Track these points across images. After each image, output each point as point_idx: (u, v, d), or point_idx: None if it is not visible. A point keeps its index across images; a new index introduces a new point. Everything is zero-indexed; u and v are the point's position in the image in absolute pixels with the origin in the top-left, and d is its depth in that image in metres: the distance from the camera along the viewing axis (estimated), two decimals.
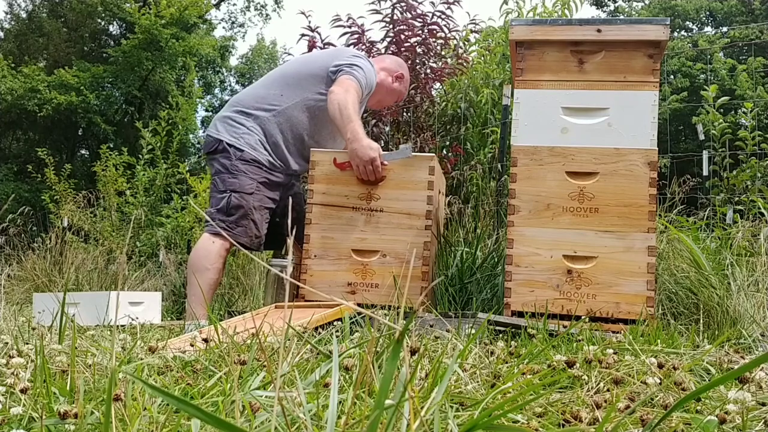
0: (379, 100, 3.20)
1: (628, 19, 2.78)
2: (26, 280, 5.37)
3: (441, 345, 1.74)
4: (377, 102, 3.23)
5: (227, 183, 2.83)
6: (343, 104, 2.76)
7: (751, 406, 1.09)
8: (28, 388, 1.11)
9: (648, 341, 1.96)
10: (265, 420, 0.91)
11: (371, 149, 2.73)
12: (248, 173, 2.84)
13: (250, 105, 2.95)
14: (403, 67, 3.23)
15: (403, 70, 3.22)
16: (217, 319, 1.83)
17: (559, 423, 1.03)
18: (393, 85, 3.15)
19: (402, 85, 3.20)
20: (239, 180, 2.82)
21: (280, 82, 2.99)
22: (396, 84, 3.16)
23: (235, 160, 2.84)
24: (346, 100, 2.76)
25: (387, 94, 3.18)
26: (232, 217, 2.78)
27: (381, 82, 3.10)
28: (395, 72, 3.17)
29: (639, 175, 2.55)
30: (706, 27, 17.28)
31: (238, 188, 2.81)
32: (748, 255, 3.05)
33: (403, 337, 0.71)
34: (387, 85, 3.13)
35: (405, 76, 3.20)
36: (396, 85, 3.17)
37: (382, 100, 3.21)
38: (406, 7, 5.27)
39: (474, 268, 3.34)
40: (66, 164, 8.42)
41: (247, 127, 2.90)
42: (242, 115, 2.94)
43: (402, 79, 3.18)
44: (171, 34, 14.43)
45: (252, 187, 2.83)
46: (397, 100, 3.28)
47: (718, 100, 4.71)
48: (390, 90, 3.16)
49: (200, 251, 2.80)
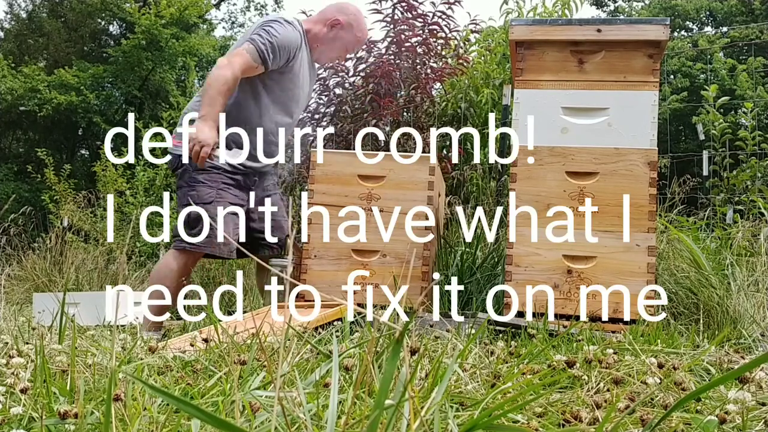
0: (319, 54, 2.98)
1: (628, 19, 2.78)
2: (26, 280, 5.37)
3: (441, 345, 1.74)
4: (318, 56, 3.00)
5: (187, 197, 2.74)
6: (213, 81, 2.64)
7: (751, 406, 1.09)
8: (28, 388, 1.11)
9: (648, 341, 1.96)
10: (265, 420, 0.91)
11: (211, 137, 2.62)
12: (206, 182, 2.73)
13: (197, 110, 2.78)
14: (342, 12, 2.95)
15: (343, 14, 2.94)
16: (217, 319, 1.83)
17: (559, 423, 1.03)
18: (329, 35, 2.92)
19: (344, 31, 2.93)
20: (197, 191, 2.72)
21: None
22: (333, 32, 2.92)
23: (192, 172, 2.74)
24: (218, 76, 2.64)
25: (326, 46, 2.95)
26: (195, 230, 2.70)
27: (315, 35, 2.91)
28: (329, 19, 2.94)
29: (639, 175, 2.55)
30: (706, 27, 17.28)
31: (197, 200, 2.71)
32: (748, 255, 3.05)
33: (403, 337, 0.71)
34: (322, 36, 2.92)
35: (344, 20, 2.92)
36: (333, 34, 2.92)
37: (322, 53, 2.98)
38: (407, 7, 5.27)
39: (474, 268, 3.34)
40: (66, 164, 8.42)
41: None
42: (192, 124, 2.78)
43: (339, 24, 2.92)
44: (171, 34, 14.43)
45: (212, 195, 2.72)
46: (348, 47, 2.99)
47: (718, 100, 4.71)
48: (326, 41, 2.93)
49: (162, 269, 2.74)
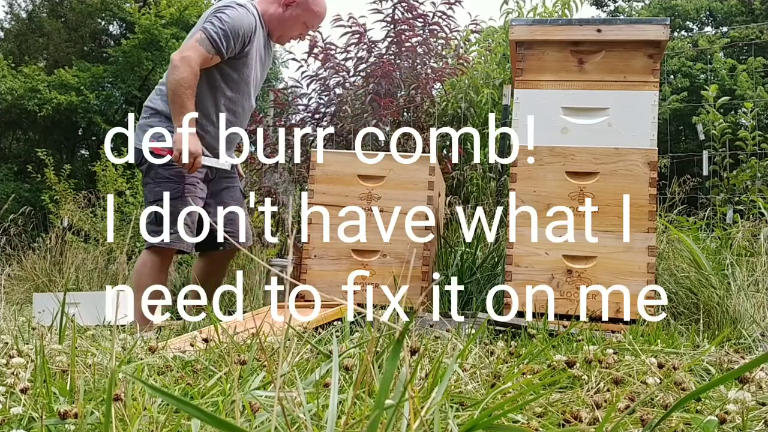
0: (280, 35, 2.91)
1: (628, 19, 2.78)
2: (26, 280, 5.37)
3: (441, 345, 1.74)
4: (279, 37, 2.93)
5: (153, 193, 2.72)
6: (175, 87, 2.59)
7: (751, 406, 1.09)
8: (28, 388, 1.11)
9: (648, 341, 1.96)
10: (265, 420, 0.91)
11: (199, 146, 2.63)
12: (172, 178, 2.70)
13: (158, 104, 2.77)
14: None
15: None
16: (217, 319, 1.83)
17: (559, 423, 1.03)
18: (285, 14, 2.85)
19: (299, 8, 2.84)
20: (162, 187, 2.70)
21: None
22: (289, 11, 2.84)
23: (157, 167, 2.71)
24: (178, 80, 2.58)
25: (283, 25, 2.87)
26: (161, 226, 2.68)
27: (271, 16, 2.85)
28: (280, 0, 2.85)
29: (639, 175, 2.55)
30: (706, 27, 17.28)
31: (163, 196, 2.69)
32: (748, 255, 3.05)
33: (403, 337, 0.71)
34: (278, 16, 2.85)
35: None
36: (289, 12, 2.84)
37: (283, 33, 2.91)
38: (407, 7, 5.28)
39: (474, 268, 3.34)
40: (66, 164, 8.41)
41: (159, 128, 2.73)
42: (155, 117, 2.76)
43: (293, 3, 2.83)
44: (171, 34, 14.43)
45: (178, 191, 2.69)
46: (305, 25, 2.90)
47: (718, 100, 4.71)
48: (283, 20, 2.86)
49: (139, 268, 2.72)
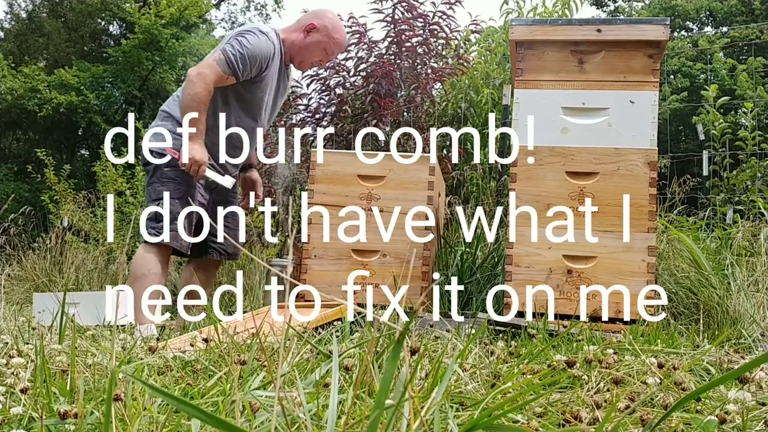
0: (300, 60, 2.99)
1: (628, 19, 2.78)
2: (26, 280, 5.37)
3: (441, 345, 1.74)
4: (300, 63, 3.01)
5: (156, 192, 2.80)
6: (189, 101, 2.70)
7: (751, 406, 1.09)
8: (28, 388, 1.11)
9: (648, 341, 1.96)
10: (265, 420, 0.91)
11: (205, 156, 2.74)
12: (176, 179, 2.79)
13: (172, 109, 2.88)
14: (317, 16, 2.94)
15: (318, 19, 2.93)
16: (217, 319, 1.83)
17: (559, 423, 1.03)
18: (306, 40, 2.91)
19: (319, 34, 2.91)
20: (166, 187, 2.78)
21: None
22: (310, 37, 2.91)
23: (164, 167, 2.80)
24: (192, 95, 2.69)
25: (305, 51, 2.94)
26: (161, 223, 2.75)
27: (292, 43, 2.92)
28: (304, 25, 2.93)
29: (639, 175, 2.55)
30: (706, 27, 17.28)
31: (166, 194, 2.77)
32: (748, 255, 3.05)
33: (403, 337, 0.71)
34: (299, 42, 2.92)
35: (319, 24, 2.91)
36: (310, 39, 2.91)
37: (303, 59, 2.98)
38: (408, 7, 5.28)
39: (474, 268, 3.34)
40: (66, 164, 8.41)
41: (173, 132, 2.82)
42: (168, 120, 2.86)
43: (315, 29, 2.91)
44: (171, 34, 14.43)
45: (180, 192, 2.78)
46: (327, 49, 2.95)
47: (718, 100, 4.71)
48: (305, 46, 2.92)
49: (137, 261, 2.79)
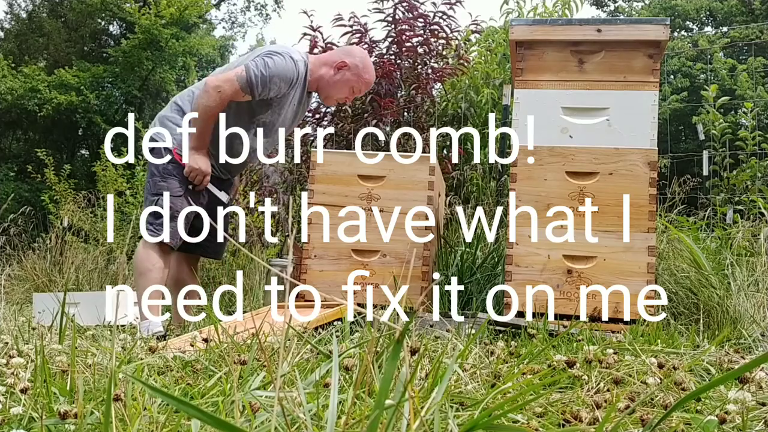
0: (326, 95, 3.01)
1: (628, 19, 2.78)
2: (26, 280, 5.37)
3: (441, 345, 1.74)
4: (326, 98, 3.04)
5: (157, 186, 2.82)
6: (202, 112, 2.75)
7: (751, 406, 1.09)
8: (28, 388, 1.11)
9: (648, 341, 1.96)
10: (265, 420, 0.91)
11: (209, 166, 2.82)
12: (178, 176, 2.81)
13: (187, 104, 2.90)
14: (349, 54, 2.99)
15: (349, 57, 2.97)
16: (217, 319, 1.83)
17: (559, 423, 1.03)
18: (335, 77, 2.93)
19: (350, 72, 2.94)
20: (168, 183, 2.80)
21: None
22: (339, 74, 2.93)
23: (167, 162, 2.82)
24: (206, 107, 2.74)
25: (332, 87, 2.96)
26: (160, 219, 2.77)
27: (321, 77, 2.94)
28: (335, 62, 2.96)
29: (639, 175, 2.55)
30: (706, 27, 17.28)
31: (168, 190, 2.79)
32: (748, 255, 3.05)
33: (403, 337, 0.71)
34: (328, 78, 2.94)
35: (351, 63, 2.94)
36: (340, 76, 2.93)
37: (329, 95, 3.00)
38: (408, 7, 5.27)
39: (474, 268, 3.34)
40: (66, 164, 8.41)
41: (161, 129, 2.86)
42: (178, 114, 2.88)
43: (345, 67, 2.93)
44: (171, 34, 14.43)
45: (181, 190, 2.81)
46: (355, 88, 2.99)
47: (718, 100, 4.71)
48: (333, 83, 2.95)
49: (140, 255, 2.80)
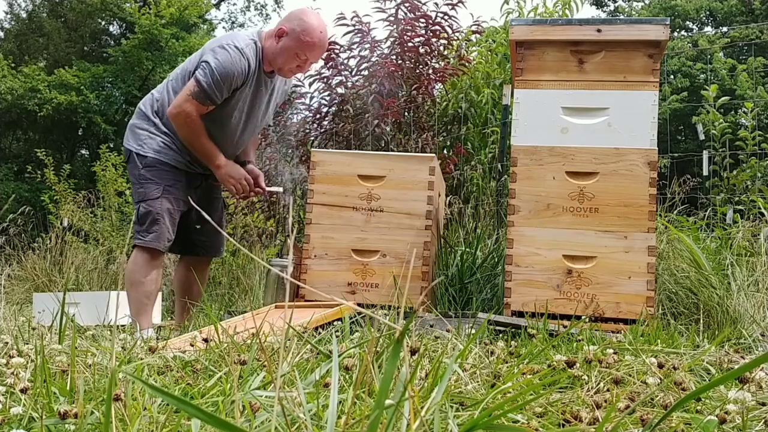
0: (277, 68, 2.90)
1: (628, 19, 2.79)
2: (26, 280, 5.38)
3: (441, 345, 1.74)
4: (278, 69, 2.91)
5: (137, 194, 2.88)
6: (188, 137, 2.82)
7: (751, 406, 1.09)
8: (28, 388, 1.11)
9: (648, 341, 1.96)
10: (265, 420, 0.91)
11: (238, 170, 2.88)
12: (153, 179, 2.84)
13: (149, 110, 2.95)
14: (287, 20, 2.88)
15: (286, 22, 2.86)
16: (217, 319, 1.83)
17: (559, 423, 1.03)
18: (277, 46, 2.83)
19: (288, 38, 2.82)
20: (145, 188, 2.84)
21: (169, 86, 2.94)
22: (281, 42, 2.83)
23: (142, 168, 2.86)
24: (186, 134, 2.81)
25: (278, 57, 2.85)
26: (144, 226, 2.82)
27: (267, 50, 2.87)
28: (274, 32, 2.87)
29: (639, 175, 2.55)
30: (706, 27, 17.28)
31: (146, 197, 2.83)
32: (748, 255, 3.05)
33: (403, 337, 0.71)
34: (272, 49, 2.85)
35: (288, 27, 2.83)
36: (281, 44, 2.82)
37: (280, 66, 2.88)
38: (411, 8, 5.27)
39: (474, 268, 3.34)
40: (66, 164, 8.41)
41: (149, 132, 2.90)
42: (144, 121, 2.94)
43: (285, 34, 2.83)
44: (171, 34, 14.43)
45: (158, 191, 2.83)
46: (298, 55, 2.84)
47: (718, 100, 4.70)
48: (276, 52, 2.84)
49: (132, 266, 2.85)
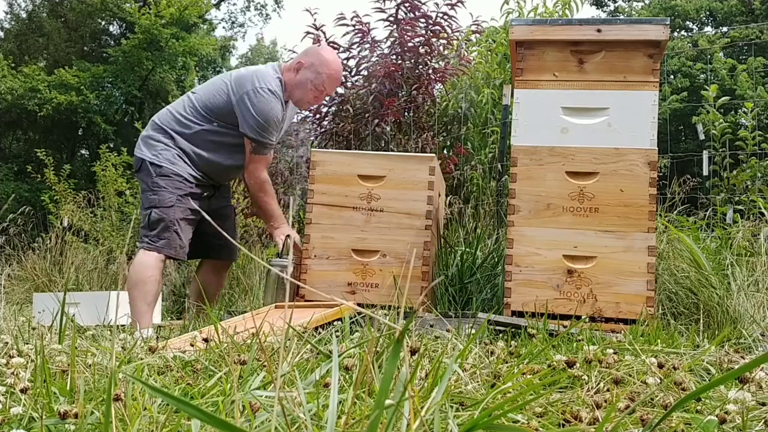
0: (296, 100, 3.08)
1: (628, 19, 2.79)
2: (26, 280, 5.37)
3: (441, 345, 1.74)
4: (297, 101, 3.10)
5: (149, 200, 2.95)
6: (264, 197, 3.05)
7: (751, 406, 1.09)
8: (28, 388, 1.11)
9: (648, 341, 1.96)
10: (265, 420, 0.91)
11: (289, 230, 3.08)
12: (168, 188, 2.93)
13: (167, 124, 3.03)
14: (305, 54, 3.05)
15: (305, 56, 3.03)
16: (218, 319, 1.83)
17: (559, 423, 1.03)
18: (295, 79, 3.00)
19: (308, 71, 3.00)
20: (159, 196, 2.92)
21: (192, 107, 3.03)
22: (299, 75, 3.00)
23: (156, 176, 2.94)
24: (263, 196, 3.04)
25: (296, 90, 3.03)
26: (155, 231, 2.89)
27: (286, 83, 3.02)
28: (293, 65, 3.03)
29: (639, 175, 2.55)
30: (706, 27, 17.28)
31: (158, 203, 2.91)
32: (748, 255, 3.05)
33: (403, 337, 0.71)
34: (291, 82, 3.01)
35: (306, 61, 3.00)
36: (300, 77, 3.00)
37: (296, 98, 3.07)
38: (411, 8, 5.27)
39: (474, 268, 3.34)
40: (66, 164, 8.41)
41: (164, 143, 2.99)
42: (160, 133, 3.02)
43: (303, 66, 3.00)
44: (171, 34, 14.43)
45: (172, 200, 2.92)
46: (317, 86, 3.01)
47: (718, 100, 4.70)
48: (294, 85, 3.01)
49: (136, 266, 2.92)
